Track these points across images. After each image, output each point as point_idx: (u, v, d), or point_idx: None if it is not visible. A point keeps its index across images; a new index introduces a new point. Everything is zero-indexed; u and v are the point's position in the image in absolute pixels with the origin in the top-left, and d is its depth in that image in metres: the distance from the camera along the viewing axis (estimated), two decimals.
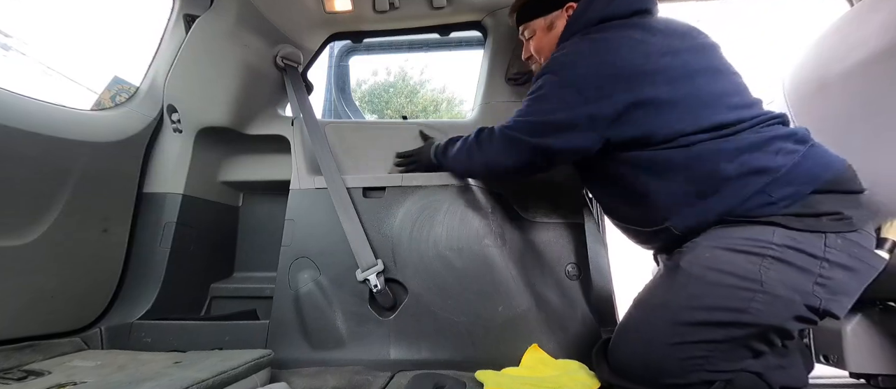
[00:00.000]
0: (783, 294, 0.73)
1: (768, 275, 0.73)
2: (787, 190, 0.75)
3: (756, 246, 0.75)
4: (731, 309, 0.74)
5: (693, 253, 0.80)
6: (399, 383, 0.89)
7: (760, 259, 0.74)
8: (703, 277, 0.77)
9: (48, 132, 0.98)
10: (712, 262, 0.77)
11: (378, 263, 1.12)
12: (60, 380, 0.74)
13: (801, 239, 0.74)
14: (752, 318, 0.73)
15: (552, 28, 1.03)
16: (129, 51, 5.62)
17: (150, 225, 1.26)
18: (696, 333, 0.77)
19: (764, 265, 0.74)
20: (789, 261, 0.73)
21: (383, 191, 1.22)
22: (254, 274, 1.49)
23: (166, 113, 1.29)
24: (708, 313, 0.76)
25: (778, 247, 0.74)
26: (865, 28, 0.86)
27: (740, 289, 0.74)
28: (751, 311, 0.73)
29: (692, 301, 0.78)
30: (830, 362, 0.93)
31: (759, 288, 0.73)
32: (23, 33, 5.46)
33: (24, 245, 0.94)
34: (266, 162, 1.45)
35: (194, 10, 1.21)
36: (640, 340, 0.83)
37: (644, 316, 0.85)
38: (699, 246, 0.80)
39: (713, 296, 0.76)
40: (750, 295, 0.73)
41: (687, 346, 0.77)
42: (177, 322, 1.16)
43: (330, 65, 2.34)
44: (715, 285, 0.76)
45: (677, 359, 0.78)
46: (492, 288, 1.11)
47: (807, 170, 0.77)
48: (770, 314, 0.73)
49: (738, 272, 0.75)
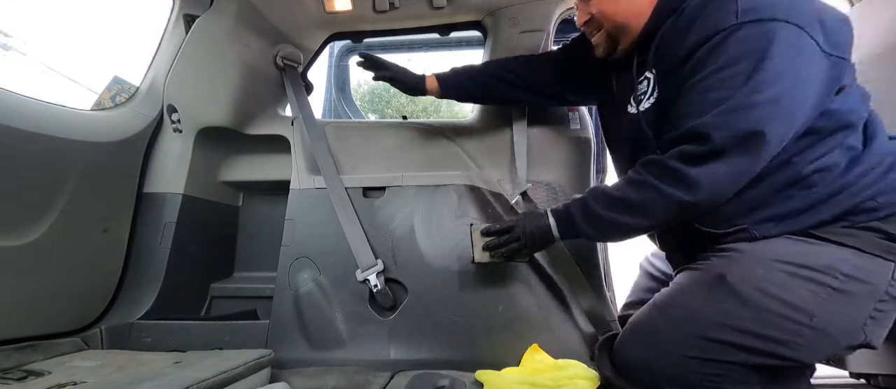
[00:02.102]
0: (833, 332, 0.67)
1: (823, 308, 0.66)
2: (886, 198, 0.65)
3: (820, 273, 0.66)
4: (772, 340, 0.68)
5: (743, 265, 0.71)
6: (399, 383, 0.89)
7: (820, 288, 0.66)
8: (749, 298, 0.69)
9: (48, 132, 0.98)
10: (765, 284, 0.68)
11: (378, 263, 1.12)
12: (60, 380, 0.74)
13: (870, 268, 0.66)
14: (791, 353, 0.68)
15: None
16: (130, 51, 5.61)
17: (150, 225, 1.26)
18: (722, 352, 0.71)
19: (822, 295, 0.66)
20: (850, 292, 0.66)
21: (383, 190, 1.22)
22: (254, 274, 1.49)
23: (166, 113, 1.29)
24: (742, 336, 0.69)
25: (843, 277, 0.65)
26: (865, 28, 0.86)
27: (787, 320, 0.67)
28: (792, 346, 0.68)
29: (727, 319, 0.70)
30: (830, 362, 0.93)
31: (808, 323, 0.66)
32: (23, 33, 5.45)
33: (24, 245, 0.94)
34: (266, 162, 1.45)
35: (194, 10, 1.21)
36: (655, 344, 0.78)
37: (666, 322, 0.78)
38: (751, 257, 0.71)
39: (756, 323, 0.68)
40: (796, 327, 0.67)
41: (706, 363, 0.72)
42: (177, 322, 1.16)
43: (330, 65, 2.34)
44: (761, 310, 0.68)
45: (690, 373, 0.74)
46: (492, 288, 1.11)
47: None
48: (811, 351, 0.68)
49: (792, 300, 0.67)
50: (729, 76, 0.65)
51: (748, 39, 0.65)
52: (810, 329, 0.66)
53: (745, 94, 0.64)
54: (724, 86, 0.65)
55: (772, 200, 0.71)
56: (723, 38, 0.66)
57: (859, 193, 0.67)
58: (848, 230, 0.67)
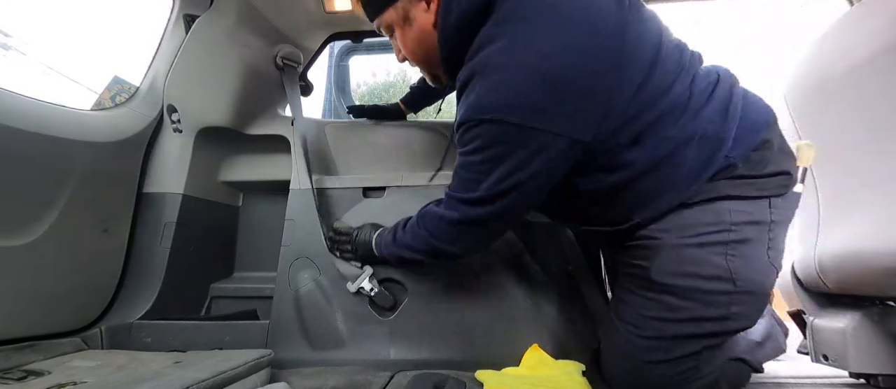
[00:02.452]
0: (756, 281, 0.71)
1: (737, 266, 0.70)
2: (738, 149, 0.71)
3: (718, 232, 0.71)
4: (716, 318, 0.72)
5: (660, 256, 0.74)
6: (399, 383, 0.89)
7: (726, 247, 0.71)
8: (677, 287, 0.73)
9: (48, 132, 0.98)
10: (681, 266, 0.73)
11: (364, 270, 1.10)
12: (60, 380, 0.74)
13: (748, 209, 0.71)
14: (737, 324, 0.73)
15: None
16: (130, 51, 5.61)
17: (150, 225, 1.26)
18: (682, 346, 0.74)
19: (729, 253, 0.71)
20: (748, 238, 0.71)
21: (383, 190, 1.22)
22: (254, 274, 1.49)
23: (166, 113, 1.29)
24: (692, 325, 0.73)
25: (736, 227, 0.71)
26: (865, 28, 0.86)
27: (717, 294, 0.71)
28: (735, 318, 0.72)
29: (671, 314, 0.74)
30: (830, 362, 0.93)
31: (733, 289, 0.71)
32: (23, 33, 5.46)
33: (24, 245, 0.94)
34: (266, 162, 1.45)
35: (194, 10, 1.21)
36: (625, 358, 0.81)
37: (626, 332, 0.80)
38: (663, 243, 0.74)
39: (695, 307, 0.72)
40: (727, 298, 0.71)
41: (674, 362, 0.75)
42: (177, 322, 1.16)
43: (330, 65, 2.34)
44: (692, 293, 0.72)
45: (664, 375, 0.76)
46: (492, 288, 1.11)
47: (752, 122, 0.72)
48: (751, 312, 0.73)
49: (710, 272, 0.71)
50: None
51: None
52: (738, 295, 0.71)
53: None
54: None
55: (648, 196, 0.74)
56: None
57: (715, 160, 0.70)
58: (715, 184, 0.72)
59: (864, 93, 0.85)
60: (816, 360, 0.97)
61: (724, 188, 0.71)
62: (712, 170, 0.70)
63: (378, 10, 0.79)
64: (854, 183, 0.87)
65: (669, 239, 0.74)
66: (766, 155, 0.72)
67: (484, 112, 0.65)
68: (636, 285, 0.80)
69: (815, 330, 0.97)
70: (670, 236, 0.74)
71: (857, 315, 0.90)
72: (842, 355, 0.90)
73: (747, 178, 0.71)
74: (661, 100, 0.68)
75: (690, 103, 0.69)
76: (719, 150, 0.70)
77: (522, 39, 0.64)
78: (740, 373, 0.87)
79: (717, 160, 0.70)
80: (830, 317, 0.95)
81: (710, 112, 0.70)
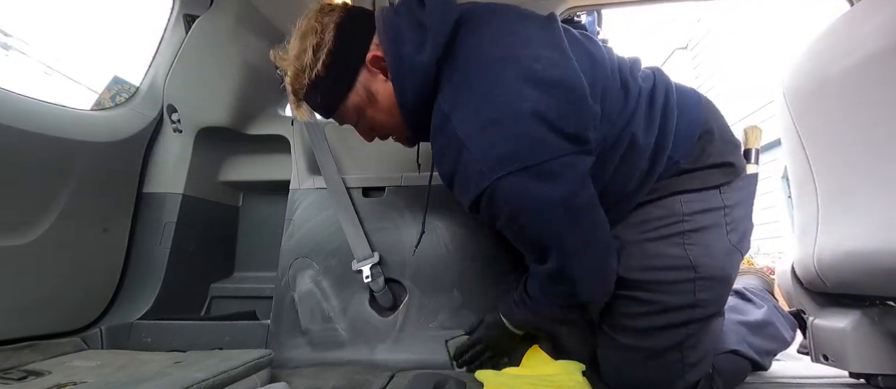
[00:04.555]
0: (717, 265, 0.73)
1: (694, 253, 0.73)
2: (680, 150, 0.75)
3: (672, 224, 0.75)
4: (683, 307, 0.74)
5: (624, 255, 0.77)
6: (399, 383, 0.89)
7: (682, 237, 0.74)
8: (642, 282, 0.76)
9: (48, 132, 0.98)
10: (644, 260, 0.76)
11: (374, 255, 1.11)
12: (60, 380, 0.74)
13: (699, 198, 0.75)
14: (704, 311, 0.75)
15: None
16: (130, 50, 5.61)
17: (150, 225, 1.26)
18: (667, 338, 0.76)
19: (686, 242, 0.74)
20: (703, 225, 0.74)
21: (383, 190, 1.22)
22: (254, 274, 1.49)
23: (166, 113, 1.29)
24: (668, 316, 0.75)
25: (688, 216, 0.74)
26: (865, 28, 0.86)
27: (682, 283, 0.74)
28: (700, 305, 0.74)
29: (642, 308, 0.77)
30: (830, 362, 0.93)
31: (695, 276, 0.73)
32: (23, 33, 5.46)
33: (24, 245, 0.94)
34: (266, 162, 1.45)
35: (194, 10, 1.21)
36: (613, 356, 0.83)
37: (609, 332, 0.83)
38: (626, 242, 0.78)
39: (660, 301, 0.75)
40: (691, 285, 0.73)
41: (661, 353, 0.77)
42: (177, 322, 1.16)
43: None
44: (657, 285, 0.75)
45: (657, 368, 0.77)
46: (492, 288, 1.11)
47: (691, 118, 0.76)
48: (716, 297, 0.75)
49: (669, 263, 0.74)
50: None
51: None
52: (701, 280, 0.73)
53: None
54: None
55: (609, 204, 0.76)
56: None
57: (660, 162, 0.74)
58: (664, 183, 0.76)
59: (864, 92, 0.85)
60: (816, 360, 0.96)
61: (672, 186, 0.75)
62: (657, 172, 0.74)
63: (340, 97, 0.74)
64: (854, 182, 0.87)
65: (631, 237, 0.77)
66: (707, 147, 0.75)
67: (495, 172, 0.62)
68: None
69: (815, 330, 0.97)
70: (632, 233, 0.77)
71: (857, 315, 0.90)
72: (842, 355, 0.90)
73: (691, 172, 0.75)
74: (609, 106, 0.71)
75: (634, 111, 0.73)
76: (662, 153, 0.73)
77: (483, 98, 0.64)
78: (737, 368, 0.87)
79: (660, 163, 0.74)
80: (830, 317, 0.95)
81: (651, 118, 0.74)
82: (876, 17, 0.84)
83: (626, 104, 0.73)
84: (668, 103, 0.75)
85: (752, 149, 0.83)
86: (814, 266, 0.94)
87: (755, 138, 0.83)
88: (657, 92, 0.76)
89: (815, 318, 0.98)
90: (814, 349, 0.97)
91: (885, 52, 0.80)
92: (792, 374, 0.97)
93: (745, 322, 0.93)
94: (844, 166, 0.89)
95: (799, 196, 0.99)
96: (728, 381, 0.83)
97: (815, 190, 0.96)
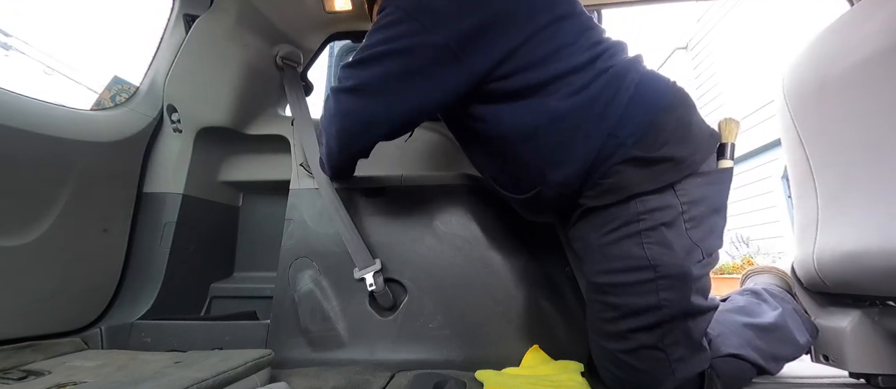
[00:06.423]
0: (675, 272, 0.72)
1: (653, 252, 0.73)
2: (625, 128, 0.75)
3: (628, 225, 0.74)
4: (650, 309, 0.73)
5: (589, 259, 0.80)
6: (399, 383, 0.89)
7: (640, 236, 0.74)
8: (608, 285, 0.76)
9: (48, 132, 0.98)
10: (606, 263, 0.77)
11: (375, 262, 1.11)
12: (60, 380, 0.74)
13: (655, 197, 0.74)
14: (670, 311, 0.73)
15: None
16: (130, 50, 5.62)
17: (150, 225, 1.26)
18: (640, 339, 0.75)
19: (645, 241, 0.73)
20: (659, 223, 0.73)
21: (383, 191, 1.22)
22: (254, 274, 1.49)
23: (166, 113, 1.29)
24: (634, 319, 0.75)
25: (643, 215, 0.74)
26: (865, 28, 0.86)
27: (643, 283, 0.73)
28: (664, 305, 0.73)
29: (612, 312, 0.77)
30: (830, 362, 0.93)
31: (655, 275, 0.72)
32: (24, 33, 5.46)
33: (24, 245, 0.94)
34: (266, 162, 1.45)
35: (194, 10, 1.21)
36: (601, 358, 0.83)
37: (592, 335, 0.84)
38: (590, 246, 0.80)
39: (627, 303, 0.75)
40: (653, 285, 0.73)
41: (641, 351, 0.75)
42: (177, 322, 1.16)
43: (330, 65, 2.34)
44: (621, 288, 0.75)
45: (641, 366, 0.76)
46: (492, 288, 1.11)
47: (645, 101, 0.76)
48: (679, 296, 0.73)
49: (630, 264, 0.74)
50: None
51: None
52: (662, 280, 0.72)
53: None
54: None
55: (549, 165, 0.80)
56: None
57: (600, 132, 0.75)
58: (616, 174, 0.76)
59: (863, 92, 0.85)
60: (816, 360, 0.96)
61: (625, 181, 0.75)
62: (598, 144, 0.75)
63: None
64: (853, 182, 0.87)
65: (594, 240, 0.79)
66: (661, 137, 0.74)
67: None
68: (588, 290, 0.84)
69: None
70: (594, 236, 0.79)
71: (857, 315, 0.90)
72: (842, 355, 0.90)
73: (641, 161, 0.74)
74: (550, 61, 0.75)
75: (581, 78, 0.75)
76: (603, 123, 0.74)
77: None
78: (739, 372, 0.84)
79: (601, 133, 0.74)
80: (830, 317, 0.95)
81: (598, 88, 0.75)
82: (876, 17, 0.84)
83: (580, 70, 0.75)
84: (626, 79, 0.76)
85: (727, 144, 0.81)
86: (814, 266, 0.94)
87: (731, 132, 0.82)
88: (617, 69, 0.77)
89: (815, 318, 0.98)
90: (814, 349, 0.97)
91: (885, 52, 0.80)
92: (792, 374, 0.97)
93: (752, 324, 0.90)
94: (844, 166, 0.89)
95: (799, 196, 0.99)
96: (728, 384, 0.82)
97: (814, 190, 0.96)
